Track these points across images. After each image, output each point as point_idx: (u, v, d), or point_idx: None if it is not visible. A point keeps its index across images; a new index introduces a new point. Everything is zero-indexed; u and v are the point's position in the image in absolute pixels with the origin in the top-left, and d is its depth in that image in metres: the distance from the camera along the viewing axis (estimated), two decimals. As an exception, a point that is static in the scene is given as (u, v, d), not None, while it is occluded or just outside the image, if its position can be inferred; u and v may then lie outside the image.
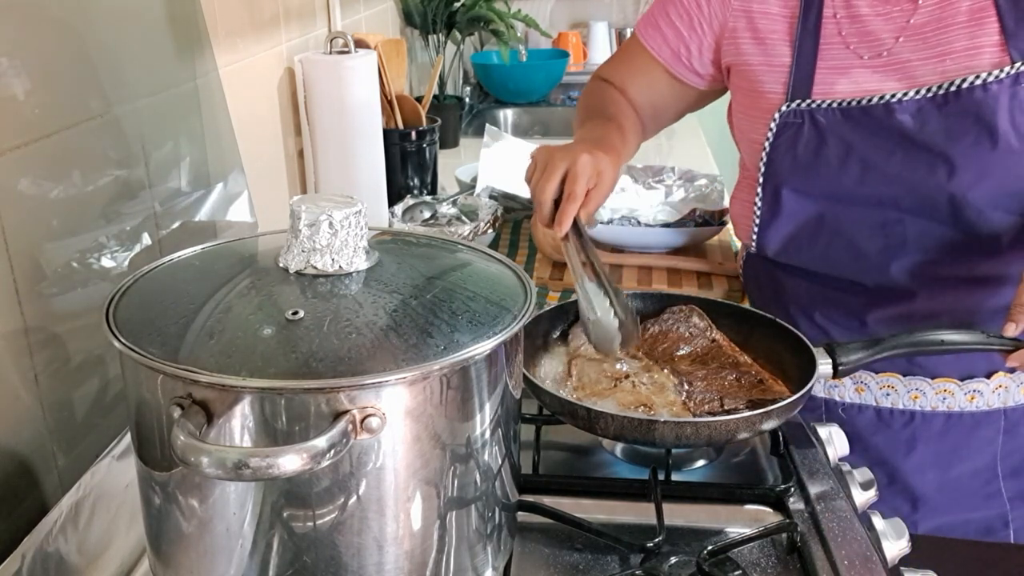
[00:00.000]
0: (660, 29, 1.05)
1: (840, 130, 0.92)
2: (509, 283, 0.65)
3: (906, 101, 0.88)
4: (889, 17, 0.90)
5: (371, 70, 1.37)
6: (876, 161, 0.91)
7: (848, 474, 0.83)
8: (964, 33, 0.87)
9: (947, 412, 1.01)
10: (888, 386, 1.02)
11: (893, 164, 0.91)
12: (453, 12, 2.10)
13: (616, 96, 1.10)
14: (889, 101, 0.89)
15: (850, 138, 0.91)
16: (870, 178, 0.92)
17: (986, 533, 1.03)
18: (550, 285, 1.28)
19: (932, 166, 0.89)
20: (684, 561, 0.71)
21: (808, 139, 0.93)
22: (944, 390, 1.00)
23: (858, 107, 0.90)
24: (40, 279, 0.71)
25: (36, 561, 0.61)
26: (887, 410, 1.02)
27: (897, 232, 0.94)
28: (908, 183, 0.91)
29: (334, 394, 0.51)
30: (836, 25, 0.92)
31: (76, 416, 0.75)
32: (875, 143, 0.91)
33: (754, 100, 0.98)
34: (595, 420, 0.77)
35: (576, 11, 2.99)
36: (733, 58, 1.00)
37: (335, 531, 0.55)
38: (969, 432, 1.01)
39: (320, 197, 0.61)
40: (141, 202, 0.86)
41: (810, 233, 0.98)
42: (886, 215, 0.94)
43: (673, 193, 1.46)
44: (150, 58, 0.90)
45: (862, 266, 0.97)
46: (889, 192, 0.92)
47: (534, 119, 2.54)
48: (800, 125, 0.93)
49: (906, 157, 0.90)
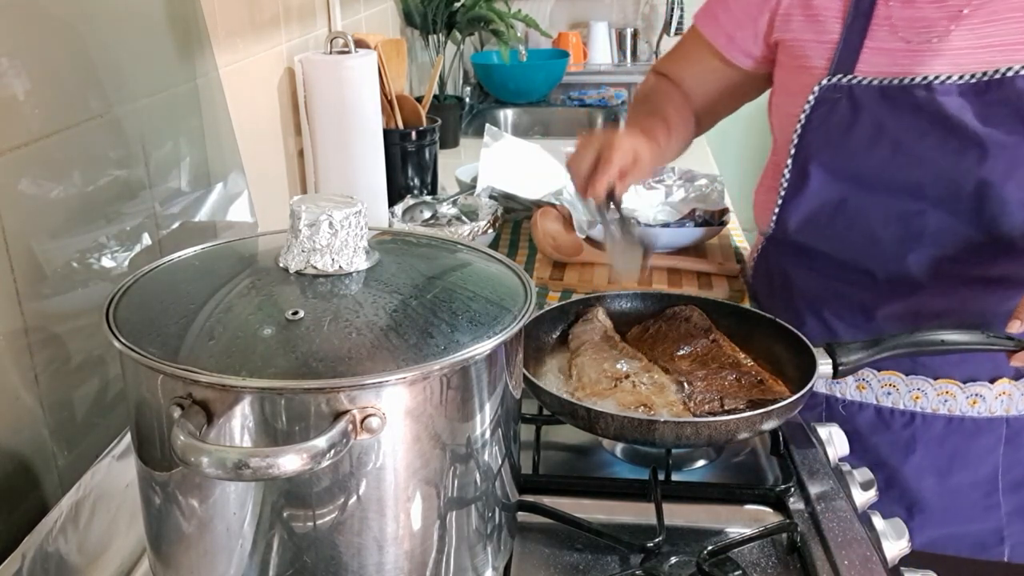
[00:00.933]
0: (717, 16, 1.09)
1: (876, 108, 0.92)
2: (509, 283, 0.65)
3: (948, 84, 0.88)
4: (943, 5, 0.90)
5: (371, 70, 1.37)
6: (908, 141, 0.91)
7: (848, 474, 0.83)
8: (1014, 27, 0.87)
9: (948, 415, 1.00)
10: (890, 384, 1.02)
11: (924, 146, 0.90)
12: (453, 12, 2.10)
13: (668, 88, 1.14)
14: (932, 82, 0.89)
15: (885, 117, 0.92)
16: (898, 160, 0.92)
17: (980, 549, 1.03)
18: (550, 285, 1.28)
19: (963, 150, 0.89)
20: (684, 561, 0.71)
21: (842, 115, 0.94)
22: (946, 392, 1.00)
23: (899, 85, 0.90)
24: (40, 279, 0.71)
25: (36, 561, 0.61)
26: (887, 409, 1.02)
27: (916, 223, 0.94)
28: (936, 167, 0.91)
29: (334, 394, 0.51)
30: (887, 8, 0.92)
31: (76, 416, 0.75)
32: (909, 123, 0.91)
33: (796, 75, 0.99)
34: (595, 420, 0.77)
35: (576, 11, 2.99)
36: (783, 34, 1.01)
37: (335, 531, 0.55)
38: (970, 438, 1.01)
39: (320, 197, 0.61)
40: (141, 202, 0.86)
41: (830, 214, 0.98)
42: (908, 204, 0.93)
43: (673, 193, 1.46)
44: (150, 58, 0.90)
45: (877, 255, 0.97)
46: (915, 177, 0.92)
47: (534, 119, 2.54)
48: (837, 100, 0.94)
49: (939, 139, 0.90)
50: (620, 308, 0.99)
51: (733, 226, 1.48)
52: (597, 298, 0.99)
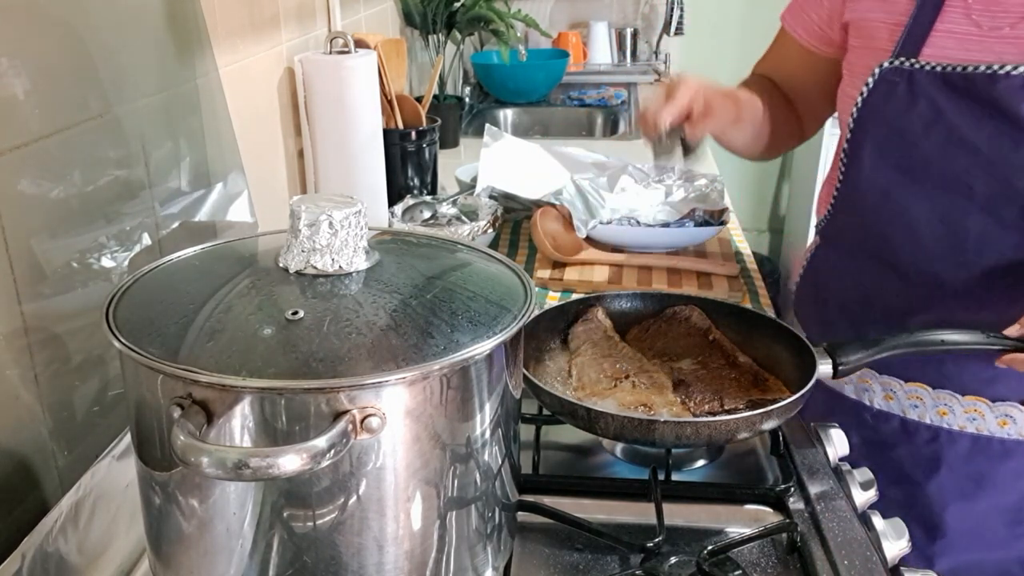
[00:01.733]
0: (793, 6, 1.10)
1: (935, 95, 0.90)
2: (509, 283, 0.65)
3: (1014, 75, 0.86)
4: None
5: (371, 70, 1.37)
6: (963, 130, 0.89)
7: (848, 474, 0.83)
8: None
9: (975, 434, 0.98)
10: (916, 396, 1.00)
11: (979, 135, 0.88)
12: (453, 12, 2.10)
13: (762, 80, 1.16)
14: (996, 72, 0.86)
15: (943, 104, 0.90)
16: (950, 150, 0.90)
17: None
18: (550, 285, 1.28)
19: (1019, 146, 0.87)
20: (684, 561, 0.71)
21: (900, 100, 0.92)
22: (974, 409, 0.97)
23: (961, 73, 0.88)
24: (40, 279, 0.71)
25: (36, 561, 0.61)
26: (913, 422, 1.01)
27: (960, 226, 0.92)
28: (989, 159, 0.88)
29: (334, 394, 0.51)
30: None
31: (76, 416, 0.75)
32: (967, 111, 0.89)
33: (862, 56, 0.98)
34: (595, 420, 0.77)
35: (576, 11, 2.99)
36: (853, 14, 1.00)
37: (335, 531, 0.55)
38: (998, 461, 0.98)
39: (320, 197, 0.61)
40: (141, 202, 0.86)
41: (875, 207, 0.97)
42: (953, 204, 0.91)
43: (673, 193, 1.46)
44: (150, 58, 0.90)
45: (917, 257, 0.95)
46: (965, 171, 0.90)
47: (534, 119, 2.54)
48: (896, 84, 0.92)
49: (995, 131, 0.88)
50: (620, 308, 0.99)
51: (733, 226, 1.48)
52: (597, 298, 0.99)
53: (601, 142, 2.29)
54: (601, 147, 1.75)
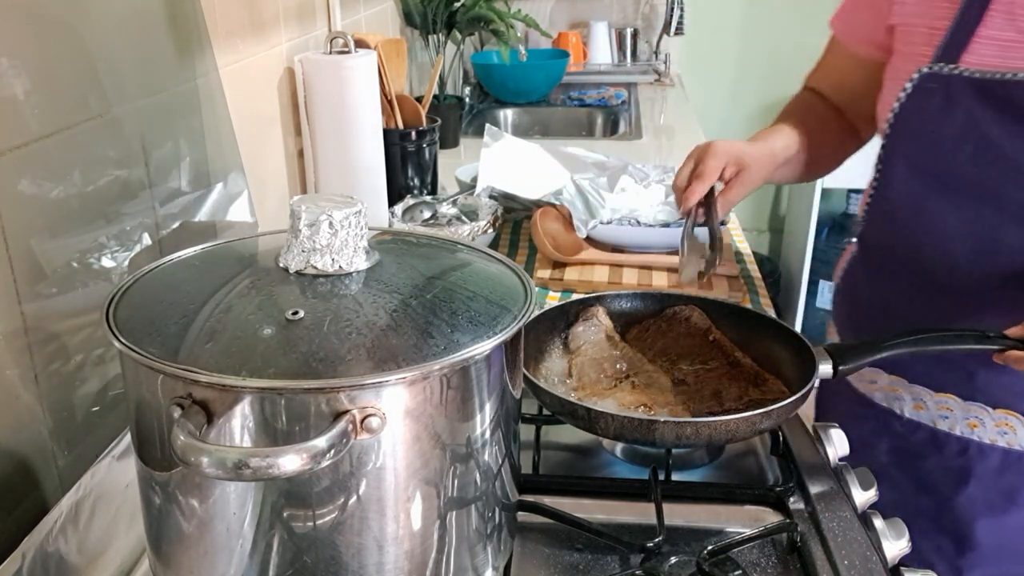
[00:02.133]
0: (842, 12, 1.10)
1: (970, 103, 0.89)
2: (509, 283, 0.65)
3: None
4: None
5: (371, 70, 1.37)
6: (997, 140, 0.88)
7: (848, 474, 0.83)
8: None
9: (1006, 448, 0.97)
10: (945, 407, 0.99)
11: (1012, 146, 0.87)
12: (453, 12, 2.10)
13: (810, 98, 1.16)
14: None
15: (978, 113, 0.88)
16: (983, 159, 0.89)
17: None
18: (550, 285, 1.28)
19: None
20: (684, 561, 0.71)
21: (936, 107, 0.91)
22: (1005, 423, 0.96)
23: (1000, 80, 0.87)
24: (40, 279, 0.71)
25: (36, 561, 0.61)
26: (943, 433, 1.00)
27: (990, 239, 0.91)
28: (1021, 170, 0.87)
29: (334, 394, 0.51)
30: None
31: (76, 416, 0.75)
32: (1002, 121, 0.87)
33: (902, 60, 0.96)
34: (595, 420, 0.77)
35: (576, 11, 2.99)
36: (897, 18, 0.98)
37: (335, 531, 0.55)
38: None
39: (320, 197, 0.61)
40: (141, 202, 0.86)
41: (907, 216, 0.96)
42: (984, 215, 0.90)
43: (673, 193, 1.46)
44: (150, 58, 0.90)
45: (949, 268, 0.94)
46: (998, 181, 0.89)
47: (534, 119, 2.54)
48: (933, 91, 0.91)
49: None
50: (620, 308, 0.99)
51: (733, 226, 1.48)
52: (597, 298, 0.99)
53: (601, 142, 2.29)
54: (601, 147, 1.76)
